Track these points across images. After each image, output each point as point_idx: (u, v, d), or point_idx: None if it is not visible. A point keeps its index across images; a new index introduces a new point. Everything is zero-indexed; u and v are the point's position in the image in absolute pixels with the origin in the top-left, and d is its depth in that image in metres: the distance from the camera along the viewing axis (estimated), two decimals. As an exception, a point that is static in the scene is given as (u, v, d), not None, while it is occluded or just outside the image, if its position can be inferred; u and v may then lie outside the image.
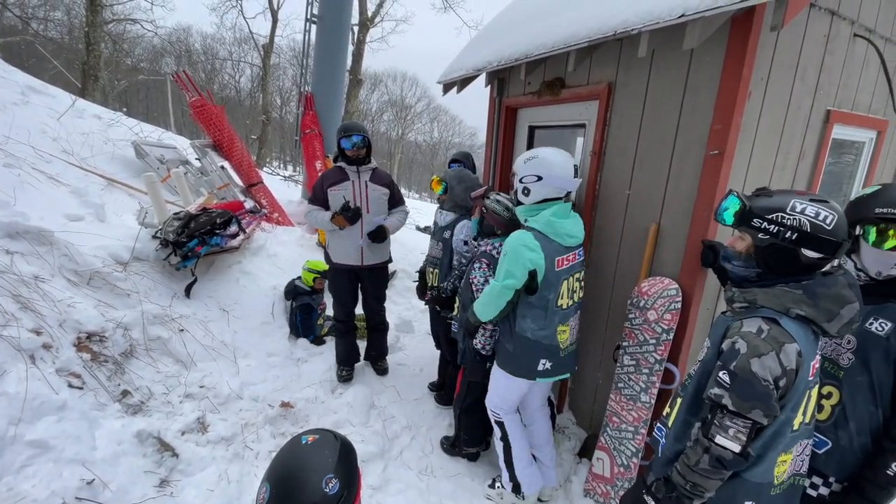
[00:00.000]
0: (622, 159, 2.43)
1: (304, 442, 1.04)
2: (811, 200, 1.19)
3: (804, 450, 1.34)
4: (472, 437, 2.67)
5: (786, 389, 1.17)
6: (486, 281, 2.30)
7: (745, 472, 1.26)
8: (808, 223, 1.15)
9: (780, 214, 1.19)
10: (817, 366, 1.25)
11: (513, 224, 2.38)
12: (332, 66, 6.23)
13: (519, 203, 2.18)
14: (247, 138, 20.14)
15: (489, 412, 2.37)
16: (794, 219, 1.17)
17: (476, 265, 2.37)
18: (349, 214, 2.88)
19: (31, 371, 2.15)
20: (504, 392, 2.29)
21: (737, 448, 1.18)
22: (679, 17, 1.73)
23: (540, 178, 2.05)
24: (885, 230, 1.32)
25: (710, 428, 1.23)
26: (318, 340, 3.76)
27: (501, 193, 2.43)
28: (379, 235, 3.02)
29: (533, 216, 2.10)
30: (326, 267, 3.81)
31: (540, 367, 2.14)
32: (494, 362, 2.30)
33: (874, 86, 2.51)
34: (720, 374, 1.21)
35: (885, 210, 1.33)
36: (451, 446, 2.76)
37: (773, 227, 1.19)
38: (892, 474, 1.31)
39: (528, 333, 2.09)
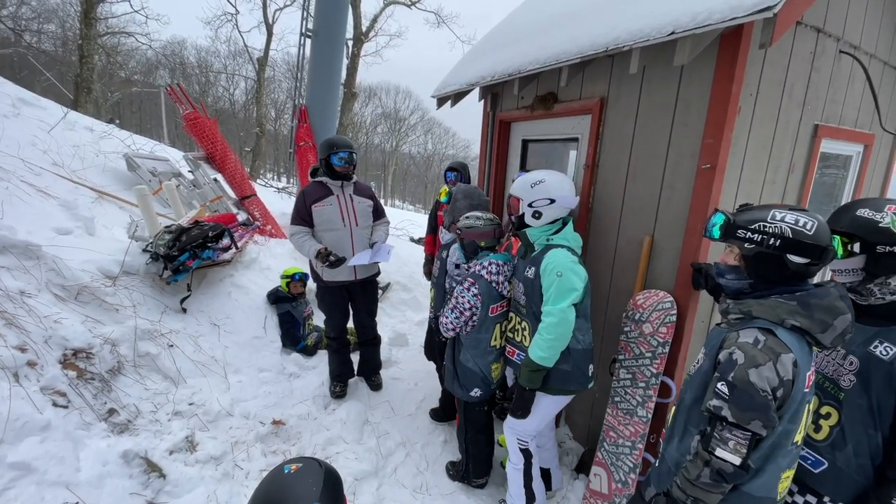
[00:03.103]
0: (615, 173, 2.45)
1: (286, 471, 0.99)
2: (790, 210, 1.25)
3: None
4: (480, 466, 2.58)
5: (783, 400, 1.18)
6: (477, 299, 2.25)
7: (747, 486, 1.24)
8: (788, 229, 1.21)
9: (761, 224, 1.24)
10: (812, 378, 1.26)
11: (492, 229, 2.34)
12: (326, 80, 6.27)
13: (524, 226, 2.15)
14: (240, 150, 20.10)
15: (516, 442, 2.26)
16: (775, 226, 1.22)
17: (465, 284, 2.30)
18: (328, 266, 2.83)
19: (14, 390, 2.09)
20: (547, 416, 2.23)
21: (737, 461, 1.17)
22: (669, 34, 1.76)
23: (553, 201, 2.06)
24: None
25: (709, 440, 1.22)
26: (307, 350, 3.72)
27: (472, 213, 2.42)
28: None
29: (553, 234, 2.10)
30: (298, 269, 3.90)
31: (589, 373, 2.16)
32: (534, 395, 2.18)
33: (860, 101, 2.57)
34: (718, 385, 1.21)
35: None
36: (461, 477, 2.64)
37: (756, 235, 1.24)
38: None
39: (581, 345, 2.08)
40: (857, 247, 1.35)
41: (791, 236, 1.20)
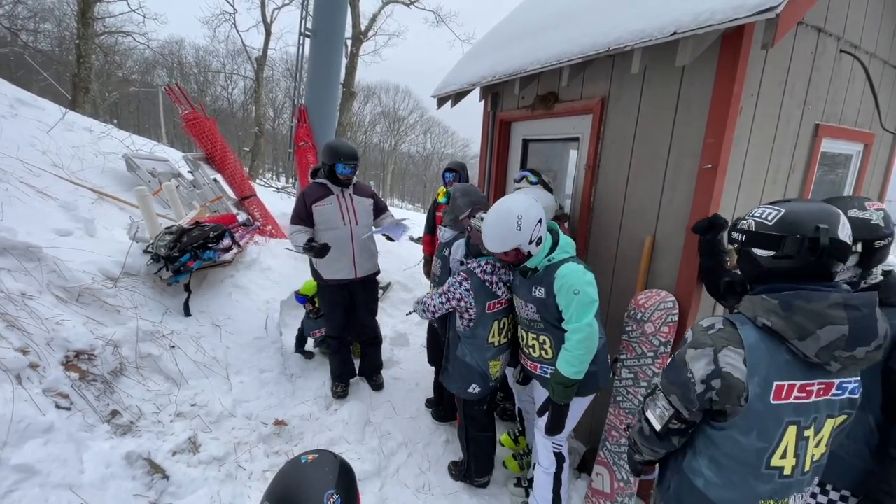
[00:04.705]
0: (616, 172, 2.45)
1: (303, 461, 1.05)
2: (773, 203, 1.18)
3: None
4: (482, 465, 2.58)
5: (725, 395, 1.09)
6: (469, 294, 2.22)
7: (714, 494, 1.19)
8: (753, 222, 1.16)
9: (740, 221, 1.23)
10: (805, 398, 1.08)
11: None
12: (325, 80, 6.25)
13: (529, 256, 2.01)
14: (239, 150, 20.05)
15: (550, 446, 2.21)
16: (745, 222, 1.20)
17: (458, 277, 2.27)
18: (313, 253, 2.83)
19: (17, 392, 2.09)
20: (578, 417, 2.20)
21: (657, 426, 1.25)
22: (671, 34, 1.76)
23: (541, 220, 1.97)
24: None
25: (645, 402, 1.33)
26: (306, 354, 3.69)
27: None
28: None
29: (554, 251, 2.01)
30: (314, 289, 3.46)
31: (609, 364, 2.18)
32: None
33: (860, 100, 2.57)
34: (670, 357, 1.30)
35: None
36: (463, 476, 2.64)
37: (734, 234, 1.24)
38: None
39: (601, 341, 2.06)
40: (859, 246, 1.39)
41: (753, 229, 1.15)
